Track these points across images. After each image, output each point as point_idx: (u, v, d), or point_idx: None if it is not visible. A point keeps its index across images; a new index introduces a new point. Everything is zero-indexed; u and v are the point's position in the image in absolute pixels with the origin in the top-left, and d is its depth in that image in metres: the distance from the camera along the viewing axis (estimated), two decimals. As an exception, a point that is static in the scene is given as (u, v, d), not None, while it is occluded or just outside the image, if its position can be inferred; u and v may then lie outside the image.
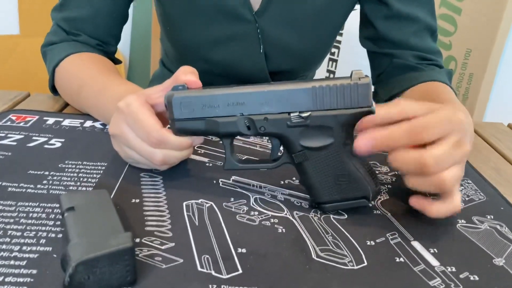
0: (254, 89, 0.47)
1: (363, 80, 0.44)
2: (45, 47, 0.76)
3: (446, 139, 0.44)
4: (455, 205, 0.46)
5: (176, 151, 0.50)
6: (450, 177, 0.43)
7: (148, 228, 0.45)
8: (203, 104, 0.48)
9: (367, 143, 0.44)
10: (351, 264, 0.42)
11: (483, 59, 1.49)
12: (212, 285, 0.38)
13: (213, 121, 0.48)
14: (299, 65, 0.84)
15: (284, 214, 0.49)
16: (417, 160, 0.43)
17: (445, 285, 0.40)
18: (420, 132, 0.43)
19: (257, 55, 0.78)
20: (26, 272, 0.38)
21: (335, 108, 0.45)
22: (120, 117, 0.50)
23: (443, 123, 0.44)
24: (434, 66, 0.77)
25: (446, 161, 0.43)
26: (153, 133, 0.48)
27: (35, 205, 0.47)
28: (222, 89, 0.48)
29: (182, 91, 0.49)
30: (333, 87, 0.45)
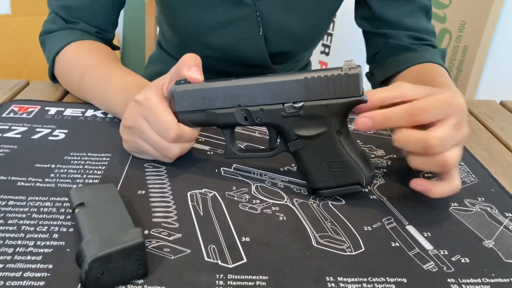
0: (250, 81, 0.49)
1: (353, 71, 0.46)
2: (44, 35, 0.77)
3: (446, 121, 0.46)
4: (456, 185, 0.48)
5: (189, 143, 0.54)
6: (452, 157, 0.46)
7: (156, 220, 0.47)
8: (203, 97, 0.50)
9: (367, 122, 0.47)
10: (350, 250, 0.44)
11: (477, 32, 1.50)
12: (219, 275, 0.40)
13: (213, 113, 0.51)
14: (298, 46, 0.85)
15: (285, 201, 0.51)
16: (422, 141, 0.45)
17: (438, 268, 0.43)
18: (418, 114, 0.46)
19: (257, 38, 0.79)
20: (43, 267, 0.40)
21: (326, 98, 0.47)
22: (138, 109, 0.52)
23: (443, 105, 0.46)
24: (429, 46, 0.78)
25: (449, 142, 0.46)
26: (173, 130, 0.50)
27: (45, 199, 0.49)
28: (220, 83, 0.50)
29: (184, 85, 0.51)
30: (324, 77, 0.47)
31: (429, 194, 0.49)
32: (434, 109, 0.46)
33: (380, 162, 0.60)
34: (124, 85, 0.62)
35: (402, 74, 0.75)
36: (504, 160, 0.63)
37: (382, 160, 0.60)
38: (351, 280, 0.41)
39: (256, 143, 0.62)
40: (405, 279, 0.41)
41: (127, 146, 0.56)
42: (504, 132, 0.71)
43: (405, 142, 0.47)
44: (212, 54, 0.80)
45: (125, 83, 0.63)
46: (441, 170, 0.48)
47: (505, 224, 0.49)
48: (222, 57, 0.81)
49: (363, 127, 0.47)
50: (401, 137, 0.47)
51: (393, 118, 0.47)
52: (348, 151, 0.49)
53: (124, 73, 0.66)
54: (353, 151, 0.49)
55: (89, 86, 0.68)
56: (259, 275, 0.41)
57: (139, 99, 0.52)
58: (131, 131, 0.53)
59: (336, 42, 1.78)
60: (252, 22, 0.77)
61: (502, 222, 0.49)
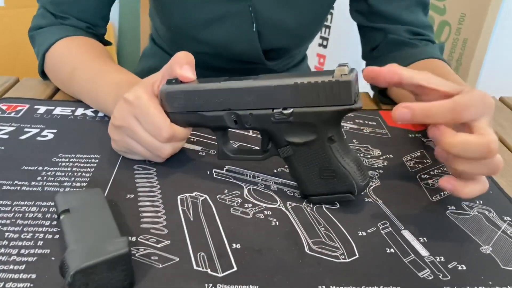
0: (240, 85, 0.47)
1: (345, 78, 0.43)
2: (33, 30, 0.75)
3: (483, 121, 0.44)
4: (486, 185, 0.46)
5: (181, 142, 0.53)
6: (501, 159, 0.44)
7: (144, 226, 0.46)
8: (193, 99, 0.49)
9: (406, 113, 0.43)
10: (343, 257, 0.43)
11: (477, 24, 1.47)
12: (208, 284, 0.39)
13: (202, 115, 0.50)
14: (293, 42, 0.83)
15: (278, 205, 0.50)
16: (484, 146, 0.42)
17: (433, 276, 0.41)
18: (462, 111, 0.43)
19: (250, 34, 0.77)
20: (26, 277, 0.39)
21: (316, 105, 0.45)
22: (128, 109, 0.50)
23: (479, 104, 0.44)
24: (427, 41, 0.77)
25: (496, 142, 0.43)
26: (166, 129, 0.49)
27: (30, 204, 0.47)
28: (210, 84, 0.48)
29: (175, 85, 0.50)
30: (315, 84, 0.44)
31: (458, 194, 0.45)
32: (476, 107, 0.43)
33: (376, 163, 0.58)
34: (115, 83, 0.61)
35: None
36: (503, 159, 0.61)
37: (378, 161, 0.59)
38: (344, 289, 0.40)
39: (250, 143, 0.61)
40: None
41: (116, 146, 0.54)
42: (503, 130, 0.70)
43: (462, 147, 0.42)
44: (205, 50, 0.79)
45: (116, 81, 0.61)
46: (494, 172, 0.45)
47: (503, 229, 0.48)
48: (215, 53, 0.80)
49: (401, 118, 0.44)
50: (456, 141, 0.42)
51: (435, 113, 0.43)
52: (340, 160, 0.47)
53: (115, 70, 0.64)
54: (345, 159, 0.47)
55: (79, 83, 0.66)
56: (250, 284, 0.40)
57: (129, 98, 0.50)
58: (121, 130, 0.52)
59: (334, 35, 1.75)
60: (245, 17, 0.75)
61: (500, 227, 0.48)
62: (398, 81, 0.47)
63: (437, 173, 0.57)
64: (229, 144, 0.53)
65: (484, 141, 0.42)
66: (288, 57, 0.89)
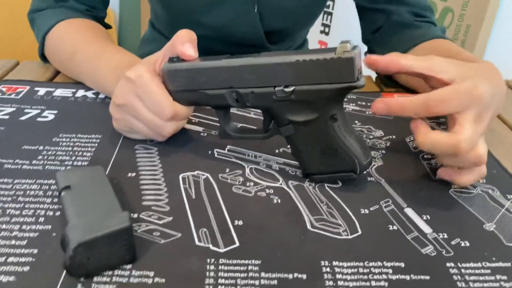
0: (241, 62, 0.46)
1: (347, 54, 0.43)
2: (32, 13, 0.74)
3: (466, 115, 0.44)
4: (483, 172, 0.47)
5: (183, 121, 0.53)
6: (483, 152, 0.45)
7: (146, 203, 0.45)
8: (194, 77, 0.49)
9: (383, 108, 0.46)
10: (345, 234, 0.43)
11: (480, 10, 1.46)
12: (210, 259, 0.39)
13: (204, 93, 0.49)
14: (294, 23, 0.83)
15: (279, 184, 0.49)
16: (452, 146, 0.43)
17: (436, 252, 0.41)
18: (435, 106, 0.44)
19: (252, 15, 0.76)
20: (27, 251, 0.39)
21: (318, 83, 0.45)
22: (130, 87, 0.50)
23: (462, 97, 0.44)
24: (429, 23, 0.76)
25: (475, 140, 0.44)
26: (168, 108, 0.49)
27: (31, 182, 0.47)
28: (212, 62, 0.48)
29: (176, 63, 0.49)
30: (316, 61, 0.44)
31: (454, 182, 0.48)
32: (452, 101, 0.44)
33: (378, 143, 0.58)
34: (116, 63, 0.60)
35: (411, 52, 0.72)
36: (506, 141, 0.61)
37: (381, 141, 0.58)
38: (347, 264, 0.39)
39: (252, 125, 0.61)
40: (402, 264, 0.40)
41: (118, 125, 0.54)
42: (508, 113, 0.69)
43: (433, 147, 0.44)
44: (206, 33, 0.78)
45: (117, 61, 0.61)
46: (475, 165, 0.46)
47: (507, 207, 0.47)
48: (216, 37, 0.79)
49: (378, 112, 0.46)
50: (428, 142, 0.44)
51: (409, 108, 0.45)
52: (342, 138, 0.47)
53: (116, 51, 0.64)
54: (348, 138, 0.47)
55: (79, 64, 0.66)
56: (252, 259, 0.39)
57: (131, 76, 0.50)
58: (123, 109, 0.51)
59: (336, 22, 1.74)
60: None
61: (503, 205, 0.48)
62: (396, 70, 0.47)
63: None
64: (231, 124, 0.53)
65: (453, 141, 0.43)
66: (289, 41, 0.88)
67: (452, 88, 0.44)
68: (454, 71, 0.46)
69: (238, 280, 0.37)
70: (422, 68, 0.47)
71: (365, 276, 0.38)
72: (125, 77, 0.50)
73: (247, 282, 0.37)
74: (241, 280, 0.37)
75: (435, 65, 0.47)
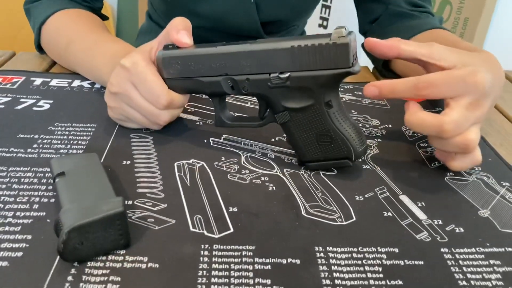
0: (236, 49, 0.46)
1: (342, 40, 0.43)
2: (28, 3, 0.74)
3: (459, 101, 0.44)
4: (476, 159, 0.47)
5: (179, 110, 0.53)
6: (472, 139, 0.44)
7: (140, 190, 0.45)
8: (189, 64, 0.49)
9: (373, 91, 0.46)
10: (340, 220, 0.43)
11: (478, 3, 1.46)
12: (204, 245, 0.39)
13: (199, 81, 0.49)
14: (290, 14, 0.82)
15: (275, 171, 0.49)
16: (437, 126, 0.43)
17: (431, 238, 0.41)
18: (424, 88, 0.44)
19: (248, 5, 0.76)
20: (21, 237, 0.39)
21: (313, 69, 0.44)
22: (125, 75, 0.50)
23: (454, 83, 0.44)
24: (427, 13, 0.76)
25: (463, 125, 0.44)
26: (164, 97, 0.49)
27: (26, 170, 0.47)
28: (207, 49, 0.48)
29: (171, 51, 0.49)
30: (312, 47, 0.44)
31: (449, 166, 0.48)
32: (443, 85, 0.44)
33: (374, 132, 0.58)
34: (112, 53, 0.60)
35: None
36: (503, 129, 0.61)
37: (377, 130, 0.58)
38: (341, 250, 0.39)
39: (248, 114, 0.60)
40: (396, 249, 0.40)
41: (113, 113, 0.54)
42: (504, 103, 0.69)
43: (419, 126, 0.45)
44: (202, 23, 0.78)
45: (113, 51, 0.61)
46: (463, 151, 0.46)
47: (502, 194, 0.47)
48: (212, 27, 0.79)
49: (370, 95, 0.46)
50: (414, 120, 0.45)
51: (399, 89, 0.45)
52: (337, 125, 0.47)
53: (111, 40, 0.64)
54: (343, 124, 0.47)
55: (75, 54, 0.66)
56: (246, 245, 0.39)
57: (126, 64, 0.49)
58: (118, 97, 0.51)
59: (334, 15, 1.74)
60: None
61: (498, 192, 0.48)
62: (396, 55, 0.47)
63: (436, 142, 0.56)
64: (227, 112, 0.53)
65: (438, 121, 0.43)
66: (286, 32, 0.88)
67: (445, 73, 0.44)
68: (455, 59, 0.46)
69: (232, 265, 0.37)
70: (422, 55, 0.46)
71: (359, 261, 0.38)
72: (120, 65, 0.50)
73: (241, 267, 0.37)
74: (235, 265, 0.37)
75: (435, 52, 0.46)
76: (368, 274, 0.37)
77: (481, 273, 0.38)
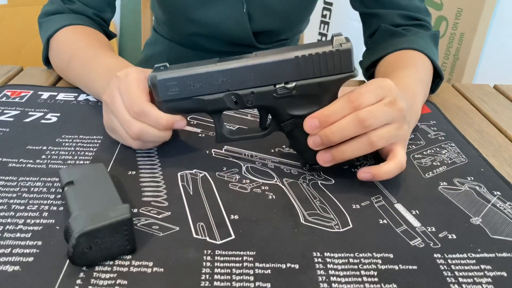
0: (238, 64, 0.47)
1: (345, 46, 0.46)
2: (41, 18, 0.77)
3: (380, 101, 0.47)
4: (400, 161, 0.49)
5: (153, 129, 0.50)
6: (382, 134, 0.47)
7: (145, 199, 0.47)
8: (188, 83, 0.49)
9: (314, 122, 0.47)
10: (337, 227, 0.45)
11: (474, 19, 1.49)
12: (207, 250, 0.41)
13: (200, 99, 0.49)
14: (281, 25, 0.86)
15: (274, 181, 0.51)
16: (353, 119, 0.46)
17: (424, 244, 0.43)
18: (356, 99, 0.46)
19: (241, 15, 0.79)
20: (32, 243, 0.40)
21: (319, 76, 0.47)
22: (115, 84, 0.51)
23: (373, 91, 0.47)
24: (421, 26, 0.77)
25: (380, 115, 0.46)
26: (136, 102, 0.49)
27: (35, 180, 0.49)
28: (205, 67, 0.48)
29: (165, 71, 0.49)
30: (316, 55, 0.46)
31: (377, 177, 0.49)
32: (368, 93, 0.47)
33: (371, 144, 0.60)
34: (108, 66, 0.62)
35: (381, 61, 0.74)
36: (495, 141, 0.63)
37: (373, 142, 0.60)
38: (338, 255, 0.41)
39: (248, 125, 0.63)
40: (391, 255, 0.41)
41: (105, 123, 0.55)
42: (496, 115, 0.71)
43: (340, 129, 0.47)
44: (199, 30, 0.82)
45: (109, 65, 0.62)
46: (372, 148, 0.48)
47: (493, 202, 0.49)
48: (208, 34, 0.83)
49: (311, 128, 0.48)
50: (334, 129, 0.47)
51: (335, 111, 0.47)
52: None
53: (109, 56, 0.65)
54: None
55: (75, 69, 0.68)
56: (247, 250, 0.41)
57: (119, 75, 0.51)
58: (107, 106, 0.52)
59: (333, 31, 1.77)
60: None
61: (490, 200, 0.49)
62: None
63: (430, 153, 0.58)
64: (225, 127, 0.53)
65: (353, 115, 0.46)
66: (280, 42, 0.91)
67: (364, 85, 0.48)
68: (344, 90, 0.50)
69: (234, 270, 0.39)
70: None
71: (355, 266, 0.40)
72: (116, 76, 0.52)
73: (242, 271, 0.39)
74: (236, 269, 0.39)
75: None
76: (364, 278, 0.39)
77: (472, 277, 0.39)
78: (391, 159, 0.49)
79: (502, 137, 0.64)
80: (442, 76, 0.73)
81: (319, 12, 1.78)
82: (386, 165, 0.49)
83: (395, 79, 0.58)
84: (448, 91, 0.80)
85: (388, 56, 0.73)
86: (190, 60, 0.51)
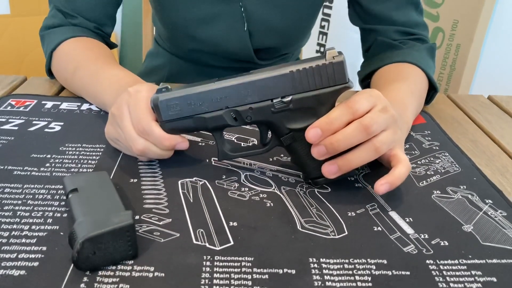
0: (236, 81, 0.49)
1: (337, 59, 0.48)
2: (43, 31, 0.78)
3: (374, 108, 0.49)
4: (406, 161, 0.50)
5: (156, 147, 0.52)
6: (384, 139, 0.49)
7: (147, 206, 0.49)
8: (189, 103, 0.50)
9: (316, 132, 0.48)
10: (333, 234, 0.46)
11: (470, 30, 1.51)
12: (206, 256, 0.42)
13: (201, 117, 0.51)
14: (282, 42, 0.87)
15: (272, 189, 0.53)
16: (358, 126, 0.47)
17: (417, 250, 0.44)
18: (353, 105, 0.48)
19: (242, 33, 0.81)
20: (37, 249, 0.42)
21: (314, 89, 0.49)
22: (125, 99, 0.53)
23: (366, 98, 0.49)
24: (418, 40, 0.79)
25: (380, 122, 0.48)
26: (143, 120, 0.51)
27: (40, 187, 0.50)
28: (205, 86, 0.50)
29: (167, 93, 0.51)
30: (310, 69, 0.48)
31: (394, 185, 0.49)
32: (362, 101, 0.49)
33: (367, 153, 0.61)
34: (115, 79, 0.64)
35: (376, 73, 0.76)
36: (488, 151, 0.65)
37: (369, 151, 0.62)
38: (333, 261, 0.42)
39: (247, 135, 0.64)
40: (385, 261, 0.43)
41: (107, 133, 0.56)
42: (490, 125, 0.73)
43: (345, 137, 0.48)
44: (200, 47, 0.83)
45: (116, 77, 0.64)
46: (378, 154, 0.49)
47: (485, 210, 0.51)
48: (210, 51, 0.84)
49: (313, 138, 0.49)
50: (339, 137, 0.48)
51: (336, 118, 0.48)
52: None
53: (116, 68, 0.67)
54: None
55: (81, 79, 0.70)
56: (245, 256, 0.42)
57: (130, 90, 0.53)
58: (113, 118, 0.54)
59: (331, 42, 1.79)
60: (237, 17, 0.79)
61: (481, 208, 0.51)
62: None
63: (424, 163, 0.60)
64: (226, 144, 0.54)
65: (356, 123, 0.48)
66: (280, 58, 0.93)
67: (356, 95, 0.50)
68: None
69: (232, 275, 0.40)
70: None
71: (350, 272, 0.41)
72: (126, 90, 0.53)
73: (240, 276, 0.40)
74: (235, 274, 0.40)
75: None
76: (358, 283, 0.40)
77: (463, 283, 0.41)
78: (398, 163, 0.50)
79: (495, 147, 0.66)
80: (437, 88, 0.75)
81: (318, 23, 1.80)
82: (396, 169, 0.49)
83: (385, 91, 0.60)
84: (443, 101, 0.81)
85: (382, 69, 0.75)
86: (191, 73, 0.53)
